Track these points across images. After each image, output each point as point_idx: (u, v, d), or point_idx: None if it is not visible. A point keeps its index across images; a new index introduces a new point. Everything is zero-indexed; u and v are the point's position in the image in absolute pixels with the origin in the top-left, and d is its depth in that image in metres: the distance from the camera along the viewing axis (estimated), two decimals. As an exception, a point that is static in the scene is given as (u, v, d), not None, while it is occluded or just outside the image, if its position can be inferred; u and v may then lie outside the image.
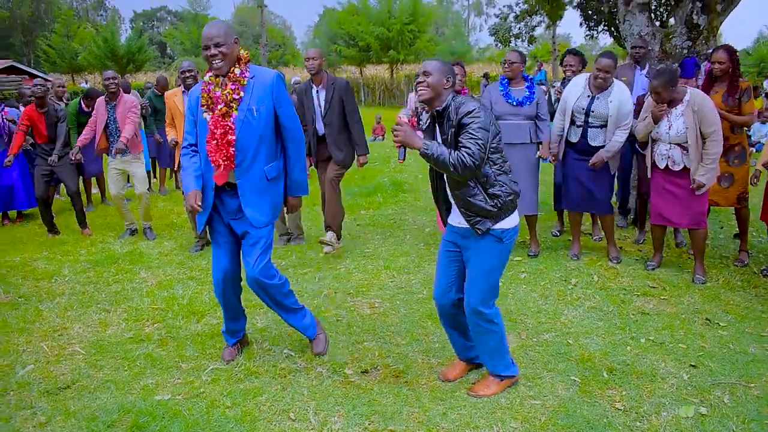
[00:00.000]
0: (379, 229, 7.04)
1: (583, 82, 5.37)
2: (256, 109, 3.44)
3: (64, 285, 5.36)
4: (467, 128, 3.00)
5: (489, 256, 3.21)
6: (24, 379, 3.67)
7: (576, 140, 5.39)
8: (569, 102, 5.37)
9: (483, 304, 3.23)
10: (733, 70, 5.24)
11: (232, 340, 3.92)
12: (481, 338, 3.33)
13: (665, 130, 4.92)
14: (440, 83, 3.11)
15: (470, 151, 2.95)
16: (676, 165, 4.96)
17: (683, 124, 4.82)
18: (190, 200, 3.49)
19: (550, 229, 6.68)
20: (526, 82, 5.62)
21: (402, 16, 33.23)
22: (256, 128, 3.46)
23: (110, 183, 6.75)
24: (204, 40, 3.36)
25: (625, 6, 7.16)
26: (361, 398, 3.36)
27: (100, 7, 67.52)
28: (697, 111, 4.76)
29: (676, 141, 4.89)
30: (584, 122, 5.32)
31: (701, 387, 3.42)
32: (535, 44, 25.03)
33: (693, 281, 5.06)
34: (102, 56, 37.00)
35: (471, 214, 3.15)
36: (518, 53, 5.75)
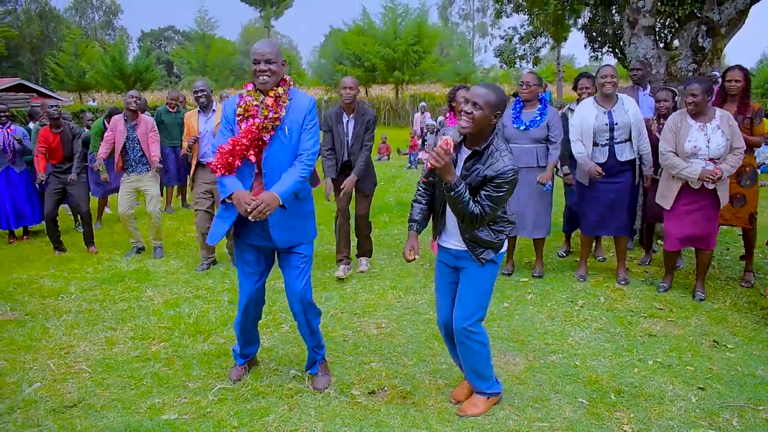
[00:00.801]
0: (385, 249, 7.04)
1: (591, 104, 5.40)
2: (289, 130, 3.48)
3: (71, 303, 5.36)
4: (496, 189, 3.00)
5: (483, 277, 3.25)
6: (31, 397, 3.67)
7: (604, 159, 5.36)
8: (587, 123, 5.35)
9: (474, 325, 3.26)
10: (745, 89, 5.28)
11: (242, 360, 3.93)
12: (469, 357, 3.34)
13: (704, 144, 4.85)
14: (487, 119, 3.00)
15: (486, 212, 3.02)
16: (709, 183, 4.89)
17: (722, 136, 4.82)
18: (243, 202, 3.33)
19: (556, 250, 6.68)
20: (540, 104, 5.60)
21: (407, 37, 33.45)
22: (287, 148, 3.48)
23: (121, 201, 6.78)
24: (256, 55, 3.41)
25: (630, 29, 7.21)
26: (369, 419, 3.35)
27: (108, 26, 68.33)
28: (732, 126, 4.82)
29: (716, 155, 4.86)
30: (609, 139, 5.32)
31: (710, 410, 3.41)
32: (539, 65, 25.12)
33: (693, 298, 5.09)
34: (110, 75, 37.36)
35: (476, 245, 3.19)
36: (535, 75, 5.78)
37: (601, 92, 5.40)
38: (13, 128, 7.59)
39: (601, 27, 15.02)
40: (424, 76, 36.08)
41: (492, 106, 2.98)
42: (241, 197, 3.34)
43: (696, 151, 4.89)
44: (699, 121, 4.91)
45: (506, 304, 5.06)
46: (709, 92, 4.89)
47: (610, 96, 5.34)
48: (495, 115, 3.01)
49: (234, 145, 3.42)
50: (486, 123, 3.01)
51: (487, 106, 2.97)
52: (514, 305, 5.06)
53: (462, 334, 3.25)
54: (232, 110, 3.57)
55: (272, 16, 38.30)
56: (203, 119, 6.37)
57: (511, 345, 4.29)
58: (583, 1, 13.93)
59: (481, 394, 3.41)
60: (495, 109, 3.00)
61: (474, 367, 3.35)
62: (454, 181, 2.97)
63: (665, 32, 12.40)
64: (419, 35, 34.06)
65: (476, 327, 3.26)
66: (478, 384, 3.39)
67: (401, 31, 33.95)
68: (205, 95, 6.26)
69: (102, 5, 68.78)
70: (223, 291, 5.57)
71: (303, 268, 3.59)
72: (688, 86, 4.96)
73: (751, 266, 5.60)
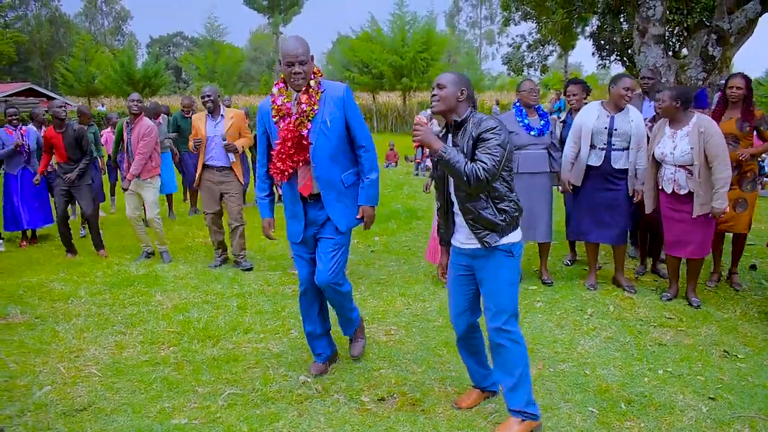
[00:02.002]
0: (394, 256, 7.05)
1: (597, 107, 5.40)
2: (330, 121, 3.60)
3: (81, 306, 5.39)
4: (486, 143, 3.00)
5: (503, 271, 3.15)
6: (41, 401, 3.68)
7: (599, 163, 5.37)
8: (586, 125, 5.36)
9: (508, 323, 3.14)
10: (747, 97, 5.32)
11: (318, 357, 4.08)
12: (506, 365, 3.18)
13: (670, 151, 4.94)
14: (454, 95, 3.13)
15: (486, 165, 2.95)
16: (681, 189, 4.98)
17: (688, 144, 4.85)
18: (264, 229, 3.98)
19: (562, 258, 6.67)
20: (537, 111, 5.63)
21: (415, 44, 33.49)
22: (330, 138, 3.63)
23: (126, 204, 6.83)
24: (289, 57, 3.47)
25: (640, 38, 7.22)
26: (378, 426, 3.35)
27: (117, 32, 68.76)
28: (703, 132, 4.80)
29: (681, 162, 4.91)
30: (607, 143, 5.32)
31: (720, 420, 3.39)
32: (547, 73, 25.13)
33: (690, 305, 5.13)
34: (118, 80, 37.56)
35: (480, 227, 3.12)
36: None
37: (615, 101, 5.31)
38: (26, 130, 7.65)
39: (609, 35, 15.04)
40: (432, 83, 36.04)
41: (455, 83, 3.13)
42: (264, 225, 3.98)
43: (663, 157, 5.00)
44: (672, 128, 4.98)
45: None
46: (679, 100, 4.88)
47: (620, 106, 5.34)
48: (461, 91, 3.13)
49: (279, 152, 3.59)
50: (454, 100, 3.13)
51: (450, 84, 3.13)
52: (522, 313, 5.04)
53: (496, 335, 3.14)
54: (266, 113, 3.70)
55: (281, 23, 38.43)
56: (211, 123, 6.49)
57: (521, 353, 4.28)
58: (591, 10, 13.95)
59: (517, 415, 3.19)
60: (458, 85, 3.13)
61: (512, 375, 3.17)
62: (442, 147, 3.03)
63: (674, 41, 12.42)
64: (427, 42, 34.09)
65: (510, 325, 3.14)
66: (517, 399, 3.19)
67: (409, 39, 33.98)
68: (212, 100, 6.43)
69: (112, 11, 69.31)
70: (232, 296, 5.58)
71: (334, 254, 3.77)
72: (658, 93, 5.06)
73: (736, 269, 5.78)
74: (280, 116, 3.61)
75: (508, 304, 3.15)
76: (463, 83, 3.15)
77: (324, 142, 3.62)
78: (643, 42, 7.25)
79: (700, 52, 7.03)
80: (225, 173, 6.52)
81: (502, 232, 3.13)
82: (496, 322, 3.14)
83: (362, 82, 34.45)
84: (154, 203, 6.85)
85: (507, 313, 3.14)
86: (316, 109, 3.57)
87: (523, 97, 5.59)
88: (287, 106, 3.59)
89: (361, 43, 34.85)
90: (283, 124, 3.58)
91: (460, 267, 3.34)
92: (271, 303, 5.38)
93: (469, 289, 3.34)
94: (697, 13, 10.04)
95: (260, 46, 65.65)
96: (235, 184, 6.55)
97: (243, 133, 6.57)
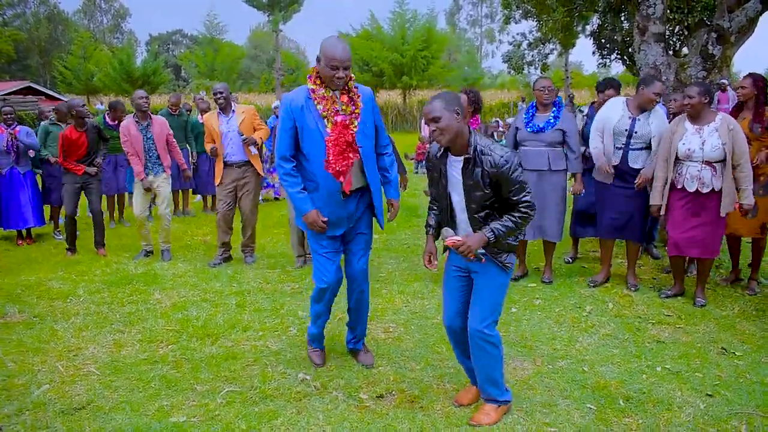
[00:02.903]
0: (393, 254, 7.05)
1: (622, 104, 5.36)
2: (366, 121, 3.73)
3: (79, 305, 5.38)
4: (512, 183, 3.05)
5: (498, 279, 3.26)
6: (39, 399, 3.68)
7: (616, 162, 5.37)
8: (609, 122, 5.33)
9: (489, 327, 3.26)
10: (758, 97, 5.27)
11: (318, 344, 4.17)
12: (482, 362, 3.33)
13: (698, 146, 4.88)
14: (452, 121, 3.04)
15: (528, 202, 3.08)
16: (705, 187, 4.92)
17: (719, 139, 4.82)
18: (315, 221, 3.70)
19: (563, 255, 6.67)
20: (554, 107, 5.59)
21: (416, 42, 33.50)
22: (370, 137, 3.77)
23: (136, 202, 6.83)
24: (335, 62, 3.50)
25: (640, 36, 7.21)
26: (376, 423, 3.35)
27: (116, 29, 68.66)
28: (732, 130, 4.80)
29: (711, 158, 4.86)
30: (624, 144, 5.31)
31: (718, 417, 3.39)
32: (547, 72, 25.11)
33: (694, 304, 5.09)
34: (118, 78, 37.57)
35: (500, 251, 3.22)
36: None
37: (642, 104, 5.25)
38: (18, 129, 7.63)
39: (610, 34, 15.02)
40: (432, 81, 36.10)
41: (446, 108, 3.04)
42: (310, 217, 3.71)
43: (690, 153, 4.92)
44: (696, 125, 4.93)
45: (514, 309, 5.05)
46: (707, 96, 4.89)
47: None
48: (455, 112, 3.05)
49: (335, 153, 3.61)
50: (454, 125, 3.05)
51: (443, 112, 3.03)
52: (521, 310, 5.05)
53: (477, 336, 3.25)
54: (297, 108, 3.65)
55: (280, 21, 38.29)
56: (224, 120, 6.48)
57: (519, 350, 4.29)
58: (592, 8, 13.93)
59: (492, 402, 3.39)
60: (450, 109, 3.04)
61: (487, 371, 3.33)
62: (489, 237, 3.10)
63: (674, 40, 12.40)
64: (427, 41, 34.11)
65: (491, 329, 3.27)
66: (490, 390, 3.37)
67: (409, 37, 34.00)
68: (224, 97, 6.41)
69: (110, 8, 69.12)
70: (231, 294, 5.58)
71: (367, 248, 3.97)
72: (686, 89, 4.99)
73: (757, 275, 5.57)
74: (329, 119, 3.61)
75: (494, 310, 3.29)
76: (453, 102, 3.07)
77: (367, 142, 3.75)
78: (643, 40, 7.23)
79: (700, 50, 7.01)
80: (244, 168, 6.51)
81: (515, 250, 3.27)
82: (480, 325, 3.25)
83: (362, 80, 34.40)
84: (168, 199, 6.87)
85: (490, 319, 3.28)
86: (360, 108, 3.70)
87: (536, 95, 5.62)
88: (334, 107, 3.63)
89: (361, 41, 34.84)
90: (337, 120, 3.62)
91: (457, 269, 3.41)
92: (270, 301, 5.38)
93: (465, 291, 3.41)
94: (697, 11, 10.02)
95: (260, 44, 65.55)
96: (254, 179, 6.57)
97: (258, 127, 6.57)
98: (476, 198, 3.13)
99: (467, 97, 5.49)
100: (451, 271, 3.44)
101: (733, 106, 5.62)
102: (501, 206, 3.15)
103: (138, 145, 6.64)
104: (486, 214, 3.16)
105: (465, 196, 3.18)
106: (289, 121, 3.67)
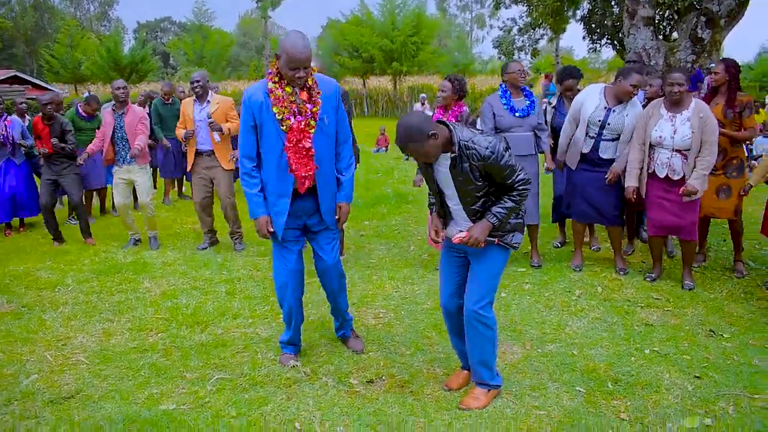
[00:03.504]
0: (383, 240, 7.04)
1: (599, 93, 5.33)
2: (327, 118, 3.61)
3: (68, 294, 5.36)
4: (503, 170, 3.03)
5: (496, 260, 3.28)
6: (28, 389, 3.67)
7: (587, 151, 5.39)
8: (585, 110, 5.34)
9: (485, 308, 3.27)
10: (730, 82, 5.27)
11: (290, 348, 4.00)
12: (476, 343, 3.34)
13: (669, 135, 4.90)
14: (428, 146, 2.97)
15: (522, 180, 3.07)
16: (675, 174, 4.97)
17: (689, 129, 4.83)
18: (262, 228, 3.69)
19: (551, 240, 6.68)
20: (524, 92, 5.61)
21: (406, 28, 33.32)
22: (328, 136, 3.65)
23: (115, 193, 6.80)
24: (295, 62, 3.37)
25: (629, 20, 7.20)
26: (367, 408, 3.36)
27: (103, 17, 67.91)
28: (703, 118, 4.80)
29: (680, 147, 4.89)
30: (597, 134, 5.31)
31: (706, 398, 3.42)
32: (538, 57, 25.04)
33: (682, 287, 5.13)
34: (105, 66, 37.19)
35: (505, 232, 3.23)
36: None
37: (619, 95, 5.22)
38: (10, 120, 7.56)
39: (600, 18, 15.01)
40: (422, 67, 35.98)
41: (418, 134, 2.93)
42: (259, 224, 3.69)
43: (660, 140, 4.94)
44: (670, 112, 4.94)
45: (503, 294, 5.06)
46: (688, 81, 4.91)
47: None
48: (430, 135, 2.94)
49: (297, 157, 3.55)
50: (433, 146, 2.99)
51: (418, 141, 2.95)
52: (511, 295, 5.07)
53: (472, 317, 3.27)
54: (256, 104, 3.55)
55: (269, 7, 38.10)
56: (198, 108, 6.51)
57: (509, 334, 4.30)
58: (582, -8, 13.91)
59: (483, 386, 3.40)
60: (423, 133, 2.93)
61: (480, 353, 3.35)
62: (493, 223, 3.11)
63: (664, 24, 12.40)
64: (417, 26, 33.94)
65: (486, 310, 3.28)
66: (482, 373, 3.38)
67: (399, 22, 33.81)
68: (200, 86, 6.45)
69: (97, -4, 68.42)
70: (220, 282, 5.57)
71: (334, 242, 3.86)
72: (671, 75, 4.93)
73: (740, 256, 5.62)
74: (285, 115, 3.51)
75: (490, 291, 3.30)
76: (424, 126, 2.93)
77: (323, 140, 3.62)
78: (632, 24, 7.23)
79: (689, 34, 7.02)
80: (212, 158, 6.55)
81: (521, 229, 3.30)
82: (475, 306, 3.27)
83: (352, 66, 34.32)
84: (148, 188, 6.82)
85: (486, 300, 3.29)
86: (318, 107, 3.55)
87: (511, 78, 5.55)
88: (293, 105, 3.51)
89: (351, 27, 34.67)
90: (293, 126, 3.51)
91: (454, 250, 3.42)
92: (260, 288, 5.37)
93: (461, 271, 3.43)
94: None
95: (249, 31, 65.12)
96: (220, 169, 6.56)
97: (230, 119, 6.54)
98: (470, 191, 3.13)
99: (451, 84, 5.45)
100: (447, 252, 3.45)
101: (707, 91, 5.62)
102: (497, 190, 3.15)
103: (109, 131, 6.64)
104: (483, 202, 3.16)
105: (458, 192, 3.18)
106: (249, 118, 3.60)
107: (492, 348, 3.36)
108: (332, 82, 3.69)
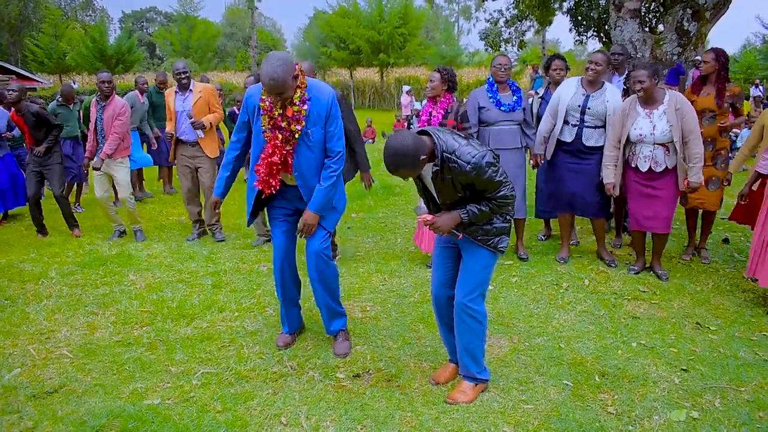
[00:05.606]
0: (370, 233, 7.02)
1: (576, 83, 5.40)
2: (312, 133, 3.57)
3: (51, 287, 5.29)
4: (485, 184, 3.01)
5: (485, 259, 3.27)
6: (10, 383, 3.61)
7: (570, 140, 5.39)
8: (563, 101, 5.36)
9: (475, 301, 3.27)
10: (719, 71, 5.32)
11: (285, 327, 4.07)
12: (464, 336, 3.34)
13: (649, 132, 4.93)
14: (417, 164, 2.94)
15: (504, 196, 3.05)
16: (658, 166, 5.00)
17: (667, 123, 4.86)
18: (211, 206, 3.91)
19: (537, 234, 6.68)
20: (511, 87, 5.60)
21: (393, 19, 33.23)
22: (313, 150, 3.61)
23: (95, 185, 6.71)
24: (268, 89, 3.35)
25: (616, 12, 7.20)
26: (353, 402, 3.34)
27: (88, 6, 67.05)
28: (679, 109, 4.82)
29: (662, 141, 4.91)
30: (579, 121, 5.32)
31: (692, 391, 3.43)
32: (524, 49, 25.05)
33: (659, 278, 5.20)
34: (90, 57, 36.76)
35: (490, 237, 3.21)
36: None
37: (585, 75, 5.37)
38: None
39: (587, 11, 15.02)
40: (409, 59, 35.93)
41: (410, 159, 2.90)
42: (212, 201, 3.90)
43: (641, 138, 4.98)
44: (646, 108, 4.96)
45: (491, 287, 5.05)
46: (656, 76, 4.92)
47: (593, 81, 5.32)
48: (419, 158, 2.92)
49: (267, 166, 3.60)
50: (422, 165, 2.98)
51: (408, 164, 2.92)
52: (498, 288, 5.06)
53: (462, 309, 3.27)
54: (252, 107, 3.65)
55: (256, -2, 37.87)
56: (180, 99, 6.48)
57: (496, 328, 4.29)
58: (569, -16, 13.91)
59: (470, 380, 3.39)
60: (415, 159, 2.91)
61: (468, 346, 3.34)
62: (462, 219, 3.10)
63: (650, 16, 12.43)
64: (404, 18, 33.85)
65: (476, 303, 3.27)
66: (469, 366, 3.37)
67: (386, 14, 33.71)
68: (187, 77, 6.43)
69: (82, -15, 67.60)
70: (206, 275, 5.52)
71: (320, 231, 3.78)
72: (633, 73, 5.01)
73: (705, 243, 5.83)
74: (270, 126, 3.55)
75: (480, 284, 3.29)
76: (415, 152, 2.90)
77: (306, 154, 3.61)
78: (619, 16, 7.22)
79: (675, 27, 7.02)
80: (197, 148, 6.50)
81: (508, 233, 3.28)
82: (465, 298, 3.27)
83: (339, 57, 34.18)
84: (127, 183, 6.72)
85: (476, 292, 3.28)
86: (302, 125, 3.52)
87: (495, 72, 5.55)
88: (278, 118, 3.52)
89: (337, 19, 34.51)
90: (271, 134, 3.55)
91: (447, 241, 3.42)
92: (246, 281, 5.33)
93: (454, 263, 3.42)
94: (673, -13, 10.06)
95: (236, 22, 64.60)
96: (206, 158, 6.51)
97: (213, 108, 6.48)
98: (450, 196, 3.14)
99: (440, 74, 5.42)
100: (441, 242, 3.45)
101: (695, 81, 5.65)
102: (479, 197, 3.12)
103: (91, 124, 6.63)
104: (462, 206, 3.15)
105: (439, 197, 3.20)
106: (244, 115, 3.72)
107: (480, 342, 3.36)
108: (326, 91, 3.59)
